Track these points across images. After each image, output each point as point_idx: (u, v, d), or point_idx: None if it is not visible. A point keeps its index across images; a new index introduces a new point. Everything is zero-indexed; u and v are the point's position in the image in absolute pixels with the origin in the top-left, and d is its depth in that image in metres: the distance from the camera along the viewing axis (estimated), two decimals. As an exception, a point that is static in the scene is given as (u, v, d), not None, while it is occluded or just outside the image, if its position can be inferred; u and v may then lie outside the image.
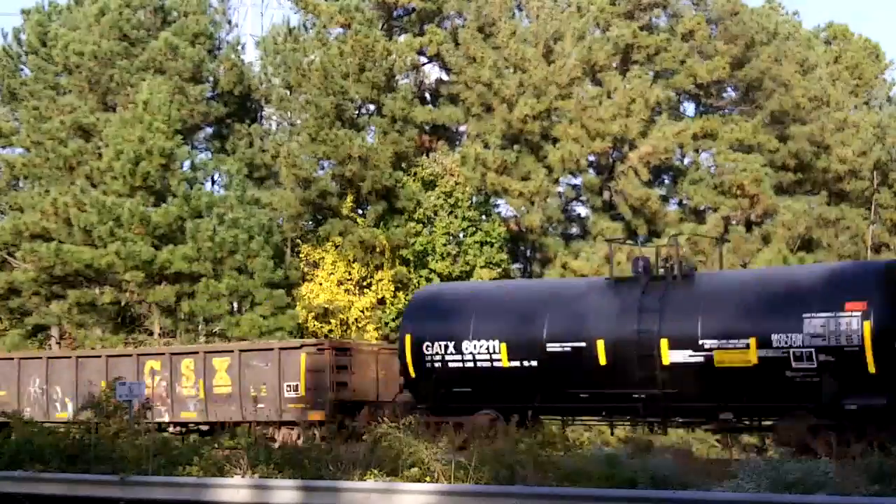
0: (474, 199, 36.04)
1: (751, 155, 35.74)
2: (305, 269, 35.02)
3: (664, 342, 18.61)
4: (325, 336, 31.75)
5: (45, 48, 37.40)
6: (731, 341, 18.14)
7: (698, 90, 37.72)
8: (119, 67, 35.00)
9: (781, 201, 35.74)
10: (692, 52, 36.52)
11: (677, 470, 13.54)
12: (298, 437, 22.24)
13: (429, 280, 33.75)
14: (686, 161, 38.48)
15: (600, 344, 19.20)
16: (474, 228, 34.63)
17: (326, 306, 33.49)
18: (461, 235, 34.88)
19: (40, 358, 28.86)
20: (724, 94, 39.61)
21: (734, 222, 35.78)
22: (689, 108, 40.45)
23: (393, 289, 34.25)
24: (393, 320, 33.64)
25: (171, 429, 25.10)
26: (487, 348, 20.31)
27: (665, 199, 37.33)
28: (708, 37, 36.69)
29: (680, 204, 37.95)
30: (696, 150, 37.55)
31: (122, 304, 33.39)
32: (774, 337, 17.71)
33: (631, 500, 11.96)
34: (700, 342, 18.35)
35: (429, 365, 20.84)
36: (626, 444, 22.01)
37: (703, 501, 11.61)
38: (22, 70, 39.60)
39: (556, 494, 12.41)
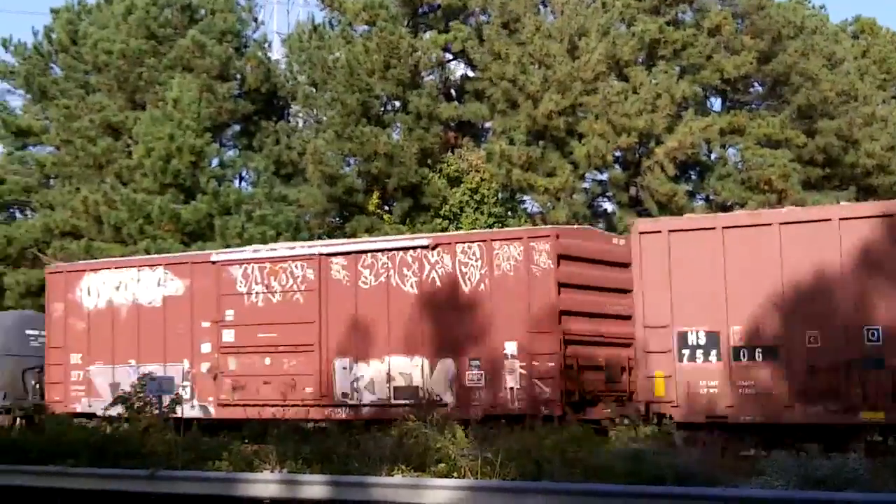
0: (500, 195, 36.08)
1: (778, 150, 35.65)
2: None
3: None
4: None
5: (75, 47, 37.70)
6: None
7: (725, 85, 37.62)
8: (147, 66, 35.24)
9: (809, 196, 35.59)
10: (718, 47, 36.42)
11: (704, 466, 13.55)
12: None
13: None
14: (713, 156, 38.39)
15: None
16: (500, 224, 34.66)
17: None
18: (487, 231, 34.92)
19: None
20: (751, 89, 39.49)
21: (762, 217, 35.60)
22: (716, 103, 40.38)
23: (420, 285, 34.32)
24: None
25: None
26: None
27: (692, 194, 37.24)
28: (734, 31, 36.58)
29: (707, 199, 37.84)
30: (723, 146, 37.45)
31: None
32: None
33: (658, 497, 11.98)
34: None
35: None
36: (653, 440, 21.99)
37: (731, 498, 11.61)
38: (52, 69, 39.91)
39: (582, 490, 12.44)
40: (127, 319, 24.17)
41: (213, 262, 23.33)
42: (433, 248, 20.80)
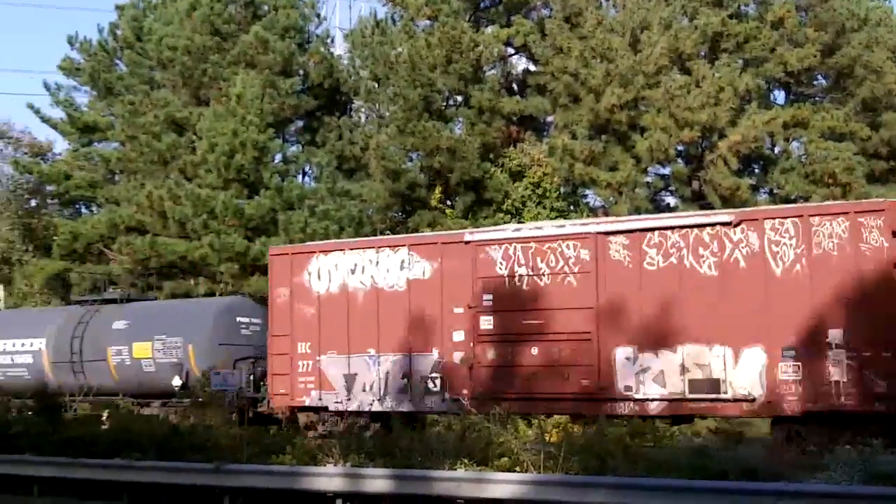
0: (562, 189, 36.02)
1: (842, 143, 35.22)
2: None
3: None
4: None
5: (139, 43, 38.12)
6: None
7: (788, 78, 37.21)
8: (211, 62, 35.56)
9: (874, 190, 35.12)
10: (782, 39, 36.03)
11: (767, 462, 13.50)
12: None
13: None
14: (776, 150, 38.01)
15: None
16: (563, 219, 34.58)
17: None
18: (550, 226, 34.85)
19: None
20: (815, 82, 39.04)
21: (826, 211, 35.19)
22: (780, 96, 39.96)
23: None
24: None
25: None
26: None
27: (755, 188, 36.88)
28: (798, 24, 36.18)
29: (771, 193, 37.46)
30: (787, 139, 37.04)
31: (217, 295, 33.91)
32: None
33: (721, 492, 11.95)
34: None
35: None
36: (716, 435, 21.90)
37: (793, 493, 11.56)
38: (117, 65, 40.41)
39: (645, 485, 12.44)
40: (364, 305, 22.21)
41: (467, 242, 21.41)
42: (736, 226, 19.04)
